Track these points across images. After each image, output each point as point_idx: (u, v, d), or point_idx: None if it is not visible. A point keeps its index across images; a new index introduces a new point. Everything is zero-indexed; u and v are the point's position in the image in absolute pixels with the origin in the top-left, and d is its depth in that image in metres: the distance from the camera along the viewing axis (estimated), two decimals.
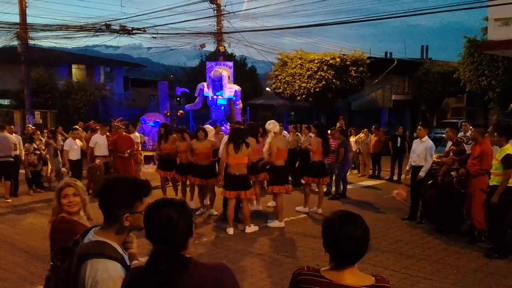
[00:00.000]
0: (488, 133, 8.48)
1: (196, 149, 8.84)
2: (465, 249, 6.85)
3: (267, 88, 28.11)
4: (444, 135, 9.72)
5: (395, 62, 27.60)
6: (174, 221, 1.83)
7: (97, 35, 20.34)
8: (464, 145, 8.02)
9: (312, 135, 9.88)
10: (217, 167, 9.07)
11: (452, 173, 7.68)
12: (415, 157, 8.46)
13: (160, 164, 10.22)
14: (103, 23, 19.75)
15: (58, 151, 11.87)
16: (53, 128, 13.50)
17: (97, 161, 10.61)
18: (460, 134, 10.39)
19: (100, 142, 10.73)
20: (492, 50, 12.90)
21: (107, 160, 10.86)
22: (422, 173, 8.25)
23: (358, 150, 14.69)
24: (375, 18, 18.76)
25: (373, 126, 14.87)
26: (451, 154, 7.80)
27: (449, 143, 8.20)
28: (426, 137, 8.48)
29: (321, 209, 9.25)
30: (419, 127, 8.79)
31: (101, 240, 2.04)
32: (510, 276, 5.78)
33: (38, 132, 12.21)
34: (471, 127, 9.50)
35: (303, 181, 10.02)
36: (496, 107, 22.19)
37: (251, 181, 8.17)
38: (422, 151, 8.30)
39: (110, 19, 20.14)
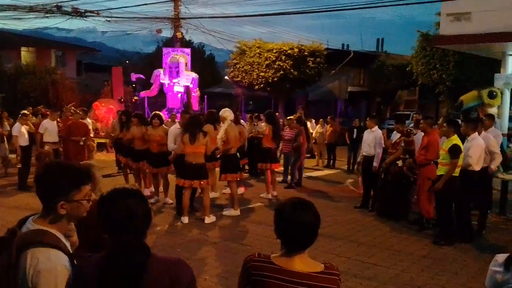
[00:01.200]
0: (437, 124, 8.79)
1: (149, 135, 8.67)
2: (414, 237, 7.08)
3: (226, 77, 27.95)
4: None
5: (352, 54, 28.10)
6: (133, 211, 1.78)
7: (47, 17, 19.46)
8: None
9: (263, 123, 10.33)
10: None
11: (398, 162, 7.93)
12: (366, 146, 8.69)
13: (121, 151, 10.00)
14: (54, 4, 18.90)
15: (5, 137, 11.33)
16: None
17: (46, 147, 10.19)
18: (411, 125, 10.78)
19: (50, 128, 10.29)
20: (444, 45, 13.33)
21: (57, 147, 10.46)
22: (375, 163, 8.44)
23: (314, 140, 14.89)
24: (333, 9, 18.94)
25: (329, 117, 15.09)
26: (402, 144, 8.03)
27: (396, 135, 8.43)
28: (376, 127, 8.68)
29: (270, 194, 9.51)
30: (367, 119, 9.09)
31: (41, 229, 1.93)
32: (456, 261, 6.02)
33: None
34: (416, 119, 9.87)
35: (259, 168, 10.17)
36: (446, 100, 23.03)
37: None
38: (371, 140, 8.53)
39: (62, 0, 19.25)
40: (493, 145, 7.32)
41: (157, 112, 9.66)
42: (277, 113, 19.76)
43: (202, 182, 7.52)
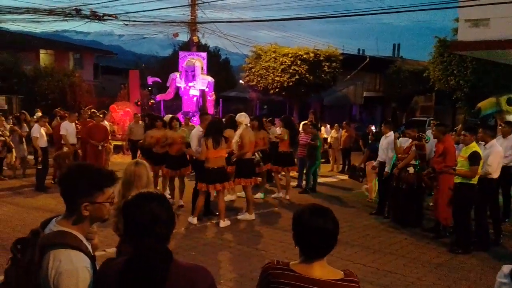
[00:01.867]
0: (455, 131, 8.72)
1: (170, 138, 8.75)
2: (431, 244, 7.01)
3: (241, 81, 28.01)
4: None
5: (367, 59, 27.94)
6: (158, 215, 1.80)
7: (66, 20, 19.73)
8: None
9: (277, 128, 10.67)
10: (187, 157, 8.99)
11: (409, 168, 7.87)
12: (381, 152, 8.70)
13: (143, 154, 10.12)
14: (74, 7, 19.17)
15: (24, 138, 11.51)
16: (18, 114, 13.10)
17: (65, 149, 10.32)
18: (428, 132, 10.74)
19: (69, 129, 10.43)
20: (462, 51, 13.15)
21: (75, 149, 10.60)
22: (387, 168, 8.48)
23: (329, 145, 14.85)
24: (349, 14, 18.94)
25: (344, 122, 15.03)
26: (413, 148, 7.98)
27: (407, 141, 8.42)
28: (391, 132, 8.70)
29: (288, 195, 9.73)
30: (382, 125, 9.16)
31: (64, 230, 1.96)
32: (473, 271, 5.94)
33: (3, 118, 11.81)
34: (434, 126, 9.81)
35: (272, 170, 10.27)
36: (464, 107, 22.73)
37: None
38: (386, 145, 8.60)
39: (81, 4, 19.52)
40: None
41: (174, 115, 9.77)
42: (292, 118, 19.81)
43: (226, 184, 7.70)
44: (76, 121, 11.15)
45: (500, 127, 8.68)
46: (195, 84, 17.44)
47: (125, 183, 3.46)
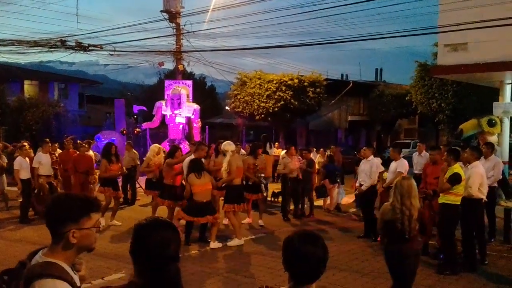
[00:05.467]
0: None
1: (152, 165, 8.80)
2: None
3: (226, 107, 28.21)
4: None
5: (351, 84, 28.44)
6: (170, 244, 1.88)
7: (51, 51, 19.77)
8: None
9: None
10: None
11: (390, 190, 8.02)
12: (363, 175, 8.83)
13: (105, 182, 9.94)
14: (59, 38, 19.22)
15: (3, 170, 11.30)
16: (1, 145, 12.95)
17: (40, 180, 10.12)
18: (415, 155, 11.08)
19: (44, 161, 10.19)
20: (442, 75, 13.50)
21: (51, 180, 10.42)
22: (364, 187, 8.70)
23: (317, 170, 14.90)
24: (332, 41, 19.33)
25: (332, 146, 15.14)
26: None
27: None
28: (372, 156, 8.88)
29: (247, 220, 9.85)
30: (364, 148, 9.34)
31: (49, 261, 1.96)
32: None
33: None
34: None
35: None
36: (446, 129, 23.16)
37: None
38: (368, 169, 8.73)
39: (66, 35, 19.57)
40: None
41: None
42: (277, 143, 19.93)
43: (214, 217, 7.88)
44: (60, 151, 11.04)
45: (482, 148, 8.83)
46: (181, 111, 17.47)
47: (404, 194, 4.21)
